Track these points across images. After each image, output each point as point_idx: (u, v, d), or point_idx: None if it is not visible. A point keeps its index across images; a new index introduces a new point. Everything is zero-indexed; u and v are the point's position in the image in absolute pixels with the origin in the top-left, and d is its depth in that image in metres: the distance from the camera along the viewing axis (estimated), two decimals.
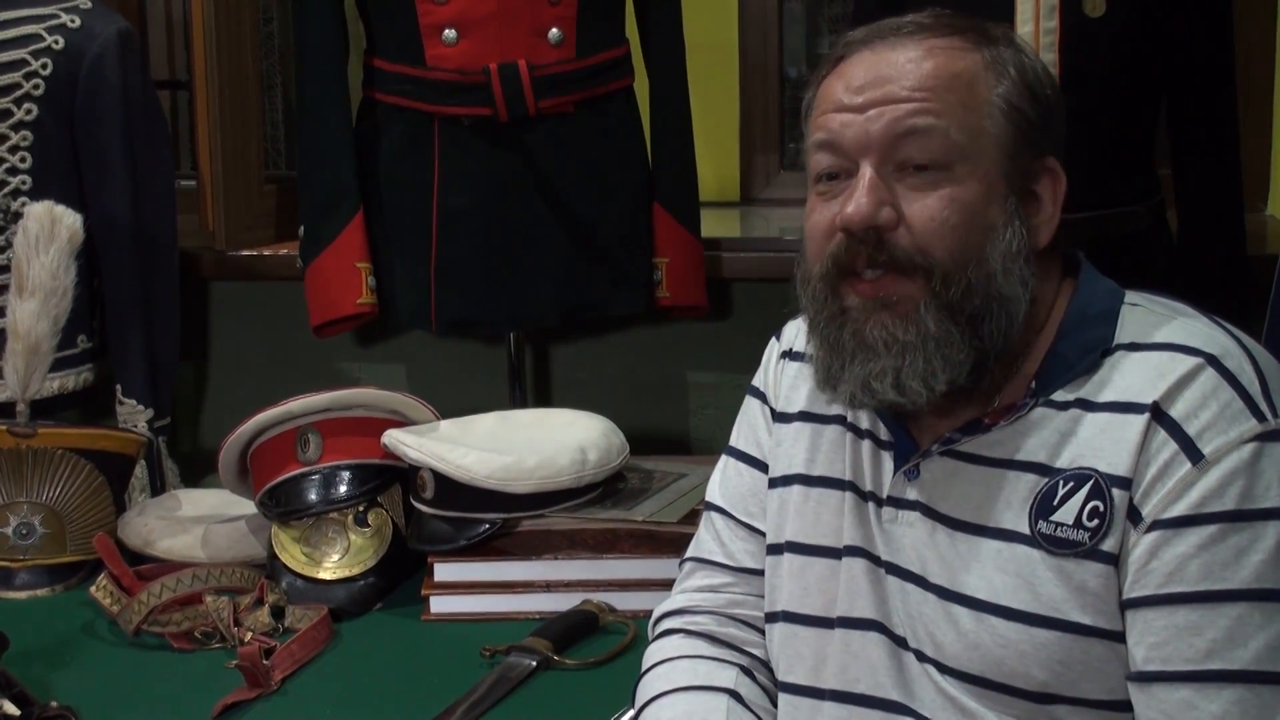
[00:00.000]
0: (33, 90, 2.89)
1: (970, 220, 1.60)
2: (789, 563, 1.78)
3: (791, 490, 1.79)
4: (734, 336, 3.25)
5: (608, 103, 2.94)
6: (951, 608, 1.61)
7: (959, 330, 1.60)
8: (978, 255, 1.60)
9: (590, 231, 2.94)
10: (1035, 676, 1.57)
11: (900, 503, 1.68)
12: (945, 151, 1.59)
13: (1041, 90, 1.64)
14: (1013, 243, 1.60)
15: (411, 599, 2.36)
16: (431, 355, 3.35)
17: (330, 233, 2.92)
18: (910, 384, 1.61)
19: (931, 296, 1.60)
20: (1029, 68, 1.64)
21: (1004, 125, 1.61)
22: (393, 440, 2.36)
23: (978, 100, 1.61)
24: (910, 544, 1.67)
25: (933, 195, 1.60)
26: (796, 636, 1.76)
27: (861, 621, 1.70)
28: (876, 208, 1.60)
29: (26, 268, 2.51)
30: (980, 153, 1.60)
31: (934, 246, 1.60)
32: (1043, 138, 1.64)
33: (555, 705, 2.03)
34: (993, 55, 1.63)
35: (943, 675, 1.63)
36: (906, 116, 1.60)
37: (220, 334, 3.44)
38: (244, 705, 2.02)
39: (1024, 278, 1.61)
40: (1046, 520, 1.57)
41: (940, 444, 1.65)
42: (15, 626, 2.31)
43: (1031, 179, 1.63)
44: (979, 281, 1.59)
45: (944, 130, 1.59)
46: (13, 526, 2.48)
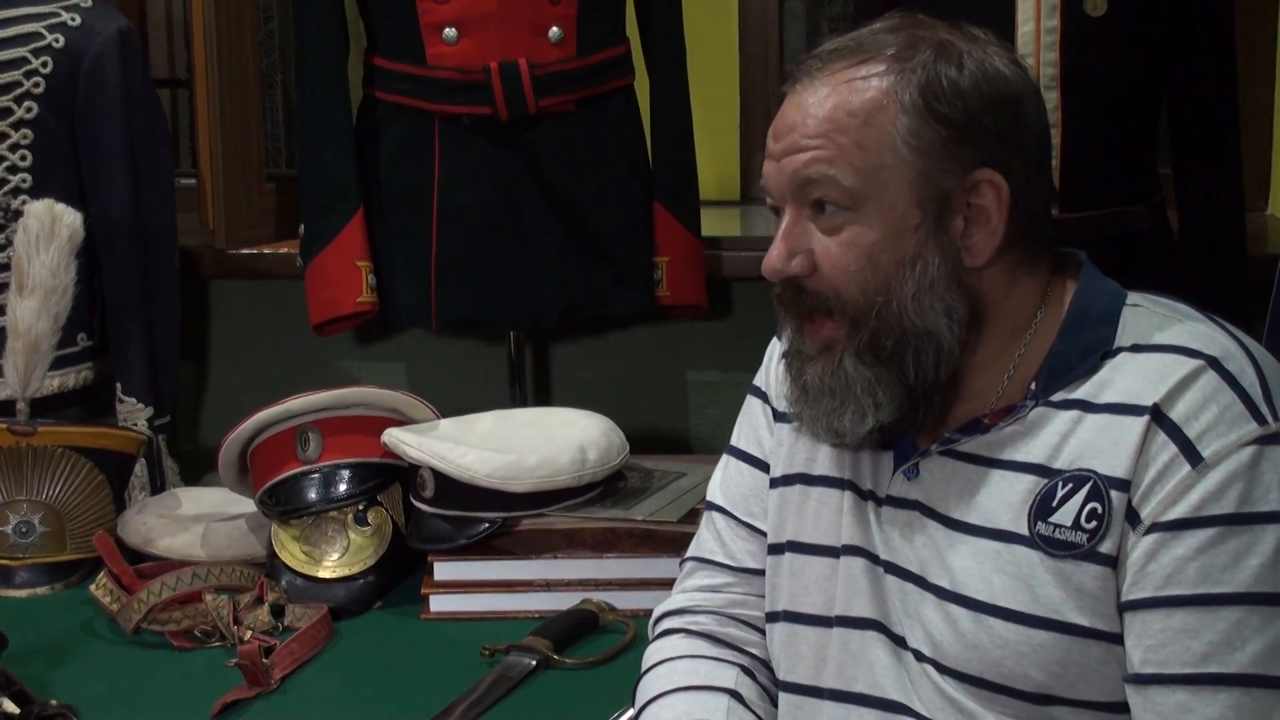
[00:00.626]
0: (33, 88, 2.88)
1: (872, 261, 1.59)
2: (789, 562, 1.78)
3: (792, 490, 1.79)
4: (734, 336, 3.25)
5: (608, 102, 2.94)
6: (950, 608, 1.62)
7: (878, 372, 1.61)
8: (885, 294, 1.59)
9: (590, 230, 2.94)
10: (1033, 678, 1.57)
11: (900, 502, 1.68)
12: (841, 197, 1.59)
13: (959, 105, 1.58)
14: (928, 274, 1.58)
15: (411, 598, 2.36)
16: (431, 354, 3.35)
17: (330, 231, 2.92)
18: (841, 426, 1.64)
19: (849, 340, 1.62)
20: (942, 84, 1.58)
21: (908, 157, 1.57)
22: (393, 439, 2.36)
23: (876, 136, 1.58)
24: (909, 543, 1.67)
25: (836, 239, 1.60)
26: (796, 636, 1.77)
27: (860, 621, 1.70)
28: (787, 259, 1.63)
29: (27, 266, 2.50)
30: (881, 190, 1.58)
31: (843, 290, 1.61)
32: (966, 154, 1.58)
33: (555, 705, 2.03)
34: (899, 81, 1.58)
35: (941, 675, 1.63)
36: (803, 167, 1.60)
37: (220, 332, 3.44)
38: (244, 704, 2.02)
39: (948, 306, 1.59)
40: (1045, 521, 1.57)
41: (940, 444, 1.65)
42: (15, 625, 2.32)
43: (959, 199, 1.59)
44: (890, 321, 1.60)
45: (834, 178, 1.58)
46: (12, 525, 2.48)
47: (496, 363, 3.23)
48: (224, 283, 3.40)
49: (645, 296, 3.02)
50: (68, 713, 1.92)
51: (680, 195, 3.04)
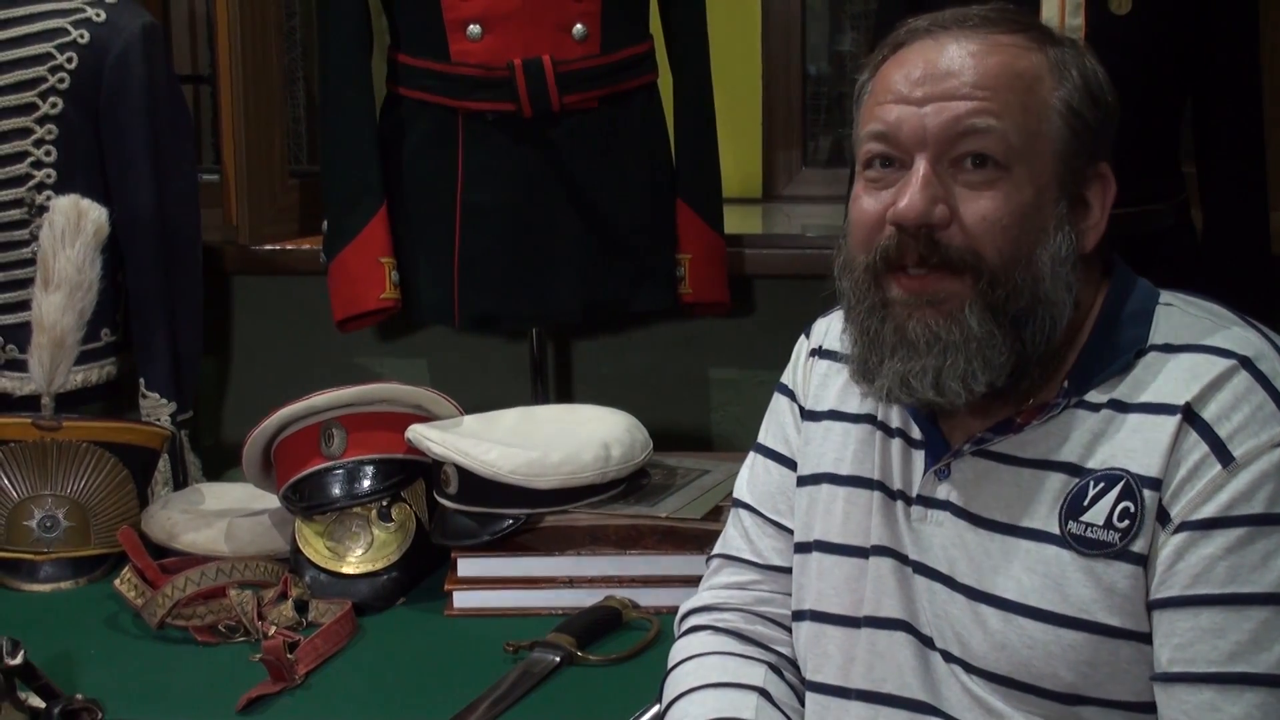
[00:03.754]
0: (58, 84, 2.89)
1: (1022, 223, 1.59)
2: (817, 562, 1.78)
3: (820, 489, 1.79)
4: (756, 333, 3.25)
5: (631, 99, 2.94)
6: (979, 608, 1.61)
7: (1001, 332, 1.59)
8: (1027, 258, 1.59)
9: (613, 227, 2.94)
10: (1062, 677, 1.57)
11: (930, 502, 1.68)
12: (1002, 153, 1.58)
13: (1102, 95, 1.63)
14: (1062, 247, 1.59)
15: (435, 594, 2.36)
16: (453, 350, 3.35)
17: (354, 227, 2.93)
18: (949, 384, 1.60)
19: (977, 296, 1.59)
20: (1091, 72, 1.63)
21: (1062, 129, 1.60)
22: (416, 435, 2.36)
23: (1038, 102, 1.59)
24: (939, 543, 1.67)
25: (986, 195, 1.58)
26: (824, 635, 1.76)
27: (888, 621, 1.70)
28: (931, 204, 1.59)
29: (52, 261, 2.51)
30: (1036, 156, 1.59)
31: (985, 247, 1.59)
32: (1098, 143, 1.63)
33: (578, 701, 2.03)
34: (1056, 56, 1.61)
35: (969, 675, 1.63)
36: (966, 115, 1.58)
37: (243, 328, 3.44)
38: (268, 699, 2.02)
39: (1069, 283, 1.60)
40: (1077, 521, 1.57)
41: (972, 443, 1.65)
42: (39, 619, 2.34)
43: (1083, 184, 1.62)
44: (1026, 284, 1.59)
45: (1001, 132, 1.58)
46: (37, 519, 2.49)
47: (519, 359, 3.23)
48: (247, 279, 3.41)
49: (668, 294, 3.02)
50: (93, 707, 1.92)
51: (703, 192, 3.04)
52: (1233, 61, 2.68)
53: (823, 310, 1.86)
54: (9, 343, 2.92)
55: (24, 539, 2.48)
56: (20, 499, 2.49)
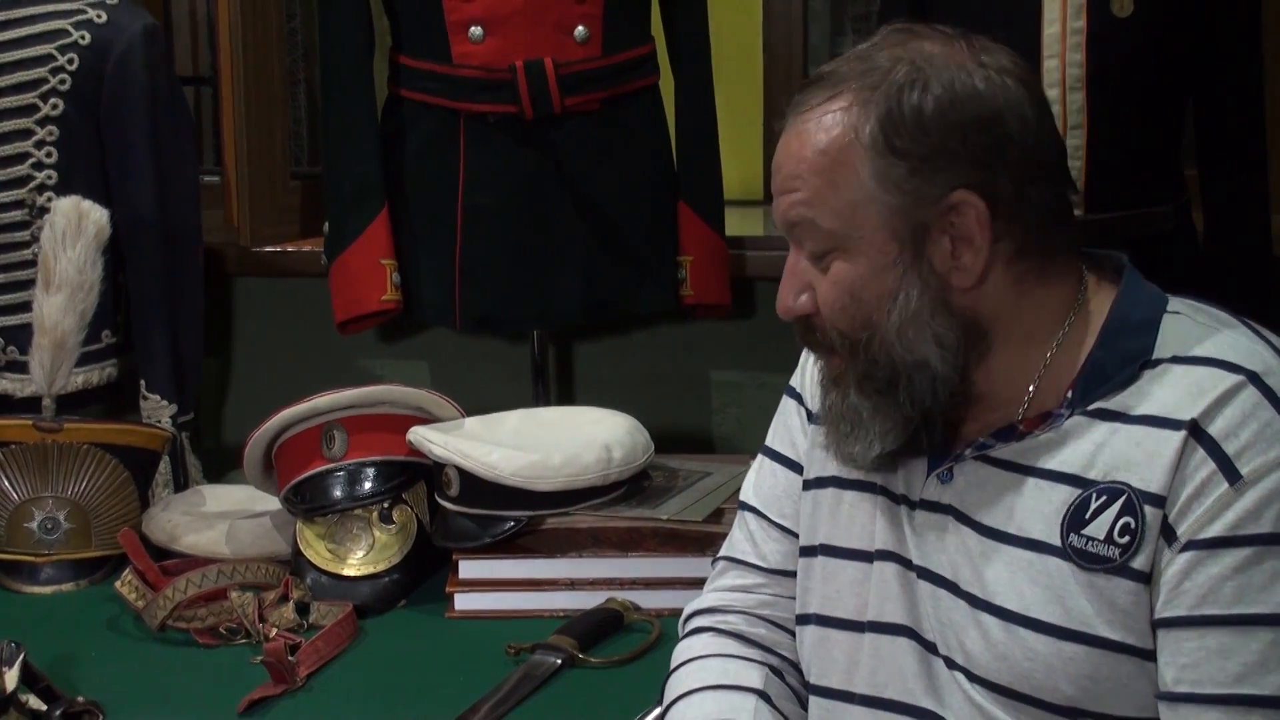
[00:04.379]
0: (59, 85, 2.89)
1: (855, 297, 1.59)
2: (821, 565, 1.78)
3: (825, 493, 1.79)
4: (757, 335, 3.25)
5: (633, 101, 2.94)
6: (981, 616, 1.61)
7: (876, 402, 1.62)
8: (869, 330, 1.59)
9: (615, 229, 2.93)
10: (1062, 690, 1.55)
11: (933, 505, 1.67)
12: (822, 239, 1.59)
13: (921, 135, 1.54)
14: (910, 305, 1.57)
15: (436, 596, 2.35)
16: (455, 352, 3.35)
17: (355, 229, 2.92)
18: (851, 452, 1.66)
19: (849, 369, 1.63)
20: (903, 114, 1.54)
21: (877, 192, 1.55)
22: (418, 437, 2.36)
23: (845, 174, 1.56)
24: (942, 548, 1.66)
25: (826, 279, 1.61)
26: (828, 640, 1.76)
27: (892, 626, 1.70)
28: (793, 297, 1.64)
29: (53, 262, 2.51)
30: (858, 227, 1.57)
31: (839, 326, 1.62)
32: (937, 181, 1.55)
33: (580, 703, 2.02)
34: (861, 115, 1.55)
35: (971, 683, 1.62)
36: (786, 209, 1.61)
37: (243, 330, 3.45)
38: (269, 701, 2.02)
39: (936, 334, 1.58)
40: (1078, 534, 1.55)
41: (974, 449, 1.64)
42: (40, 621, 2.33)
43: (932, 227, 1.56)
44: (878, 355, 1.60)
45: (813, 220, 1.58)
46: (38, 521, 2.48)
47: (520, 361, 3.23)
48: (248, 280, 3.41)
49: (669, 296, 3.02)
50: (94, 709, 1.92)
51: (705, 194, 3.04)
52: (1234, 63, 2.68)
53: None
54: (10, 344, 2.92)
55: (25, 541, 2.48)
56: (21, 501, 2.49)
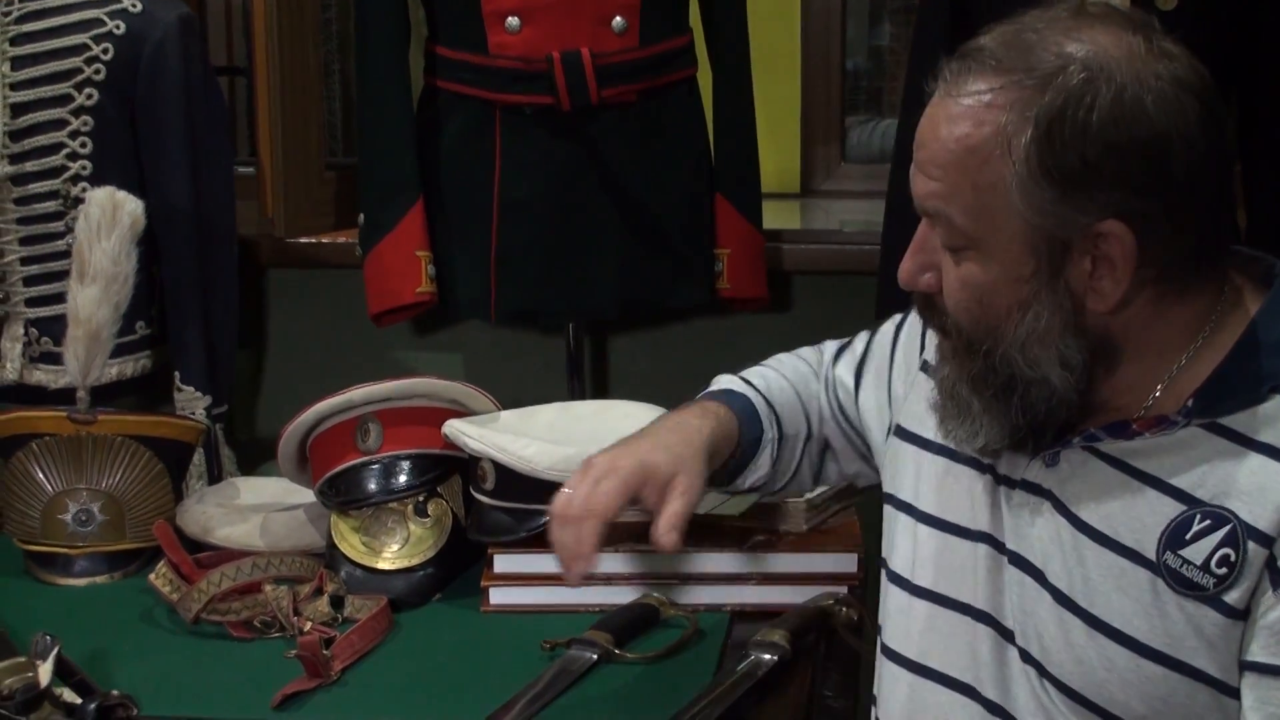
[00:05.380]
0: (94, 75, 2.89)
1: (982, 303, 1.55)
2: (913, 529, 1.77)
3: (932, 458, 1.77)
4: (794, 329, 3.23)
5: (670, 93, 2.93)
6: (1065, 615, 1.58)
7: (986, 403, 1.59)
8: (993, 339, 1.56)
9: (652, 222, 2.92)
10: (1134, 708, 1.53)
11: (1033, 488, 1.64)
12: (957, 235, 1.54)
13: (1078, 155, 1.47)
14: (1040, 322, 1.53)
15: (471, 590, 2.34)
16: (489, 345, 3.34)
17: (390, 221, 2.92)
18: (957, 434, 1.65)
19: (965, 363, 1.60)
20: (1064, 130, 1.46)
21: (1020, 208, 1.49)
22: (453, 430, 2.35)
23: (989, 181, 1.50)
24: (1037, 534, 1.62)
25: (955, 271, 1.57)
26: (911, 608, 1.75)
27: (975, 611, 1.68)
28: (916, 274, 1.61)
29: (88, 253, 2.50)
30: (994, 233, 1.52)
31: (960, 319, 1.58)
32: (1086, 207, 1.48)
33: (616, 699, 2.01)
34: (1017, 121, 1.48)
35: (1042, 679, 1.60)
36: (925, 196, 1.56)
37: (277, 322, 3.44)
38: (304, 695, 2.00)
39: (1062, 356, 1.54)
40: (1175, 553, 1.51)
41: (1083, 438, 1.59)
42: (74, 613, 2.32)
43: (1082, 245, 1.50)
44: (996, 364, 1.56)
45: (949, 216, 1.54)
46: (72, 513, 2.48)
47: (555, 355, 3.22)
48: (282, 272, 3.41)
49: (706, 289, 3.01)
50: (128, 703, 1.90)
51: (742, 187, 3.03)
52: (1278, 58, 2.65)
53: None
54: (43, 335, 2.92)
55: (59, 533, 2.47)
56: (55, 493, 2.48)
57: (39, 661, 1.88)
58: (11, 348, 2.94)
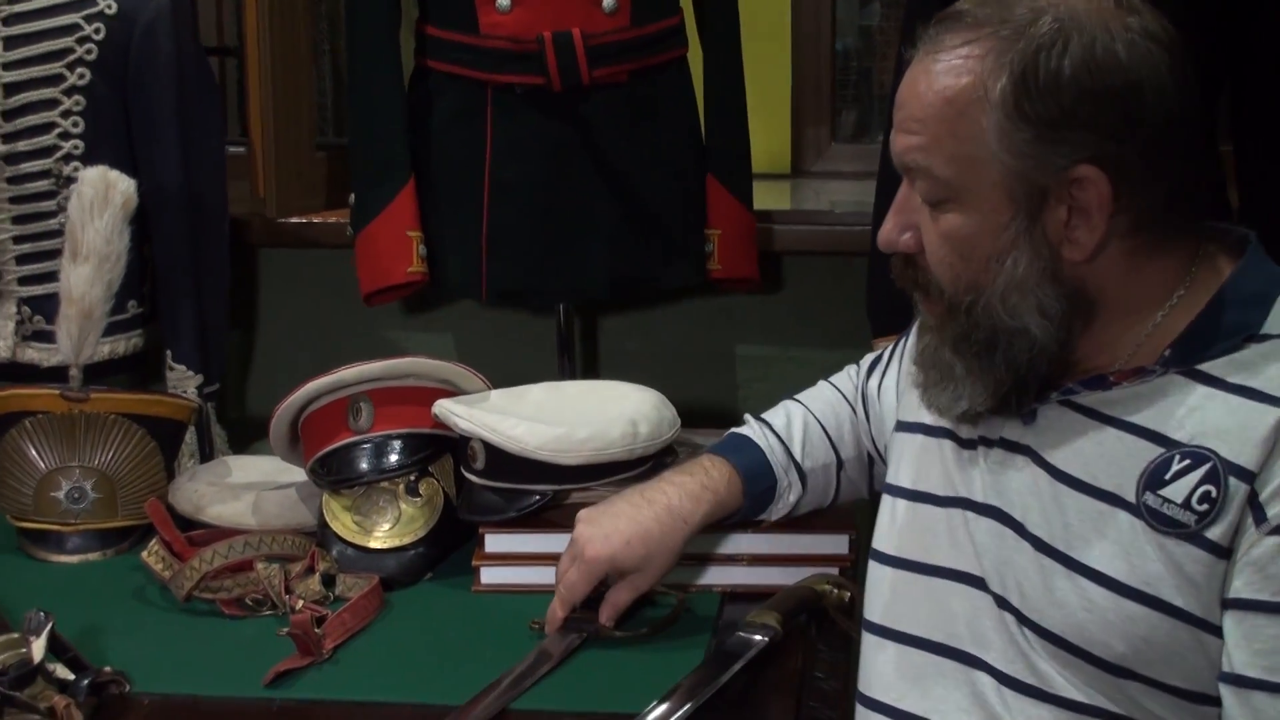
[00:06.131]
0: (85, 55, 2.89)
1: (964, 255, 1.59)
2: (891, 506, 1.81)
3: (912, 438, 1.82)
4: (785, 310, 3.25)
5: (661, 73, 2.93)
6: (1045, 561, 1.60)
7: (969, 363, 1.62)
8: (974, 291, 1.59)
9: (642, 202, 2.93)
10: (1115, 648, 1.55)
11: (1012, 445, 1.67)
12: (937, 188, 1.58)
13: (1053, 101, 1.52)
14: (1018, 270, 1.56)
15: (462, 569, 2.35)
16: (480, 325, 3.35)
17: (381, 201, 2.92)
18: (939, 402, 1.68)
19: (947, 324, 1.63)
20: (1037, 76, 1.52)
21: (998, 152, 1.54)
22: (443, 410, 2.35)
23: (969, 128, 1.55)
24: (1015, 488, 1.65)
25: (935, 227, 1.61)
26: (881, 577, 1.80)
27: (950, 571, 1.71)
28: (897, 232, 1.65)
29: (80, 233, 2.50)
30: (974, 182, 1.56)
31: (941, 278, 1.61)
32: (1062, 150, 1.53)
33: (604, 676, 2.01)
34: (995, 69, 1.53)
35: (1021, 627, 1.62)
36: (905, 151, 1.60)
37: (269, 301, 3.45)
38: (295, 673, 2.01)
39: (1040, 303, 1.57)
40: (1155, 493, 1.54)
41: (1060, 393, 1.63)
42: (67, 590, 2.33)
43: (1058, 193, 1.55)
44: (979, 318, 1.59)
45: (929, 169, 1.57)
46: (65, 490, 2.48)
47: (545, 334, 3.23)
48: (273, 251, 3.41)
49: (696, 270, 3.01)
50: (121, 679, 1.92)
51: (733, 168, 3.03)
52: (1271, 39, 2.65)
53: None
54: (36, 314, 2.93)
55: (52, 510, 2.48)
56: (48, 470, 2.48)
57: (32, 638, 1.89)
58: (4, 326, 2.94)
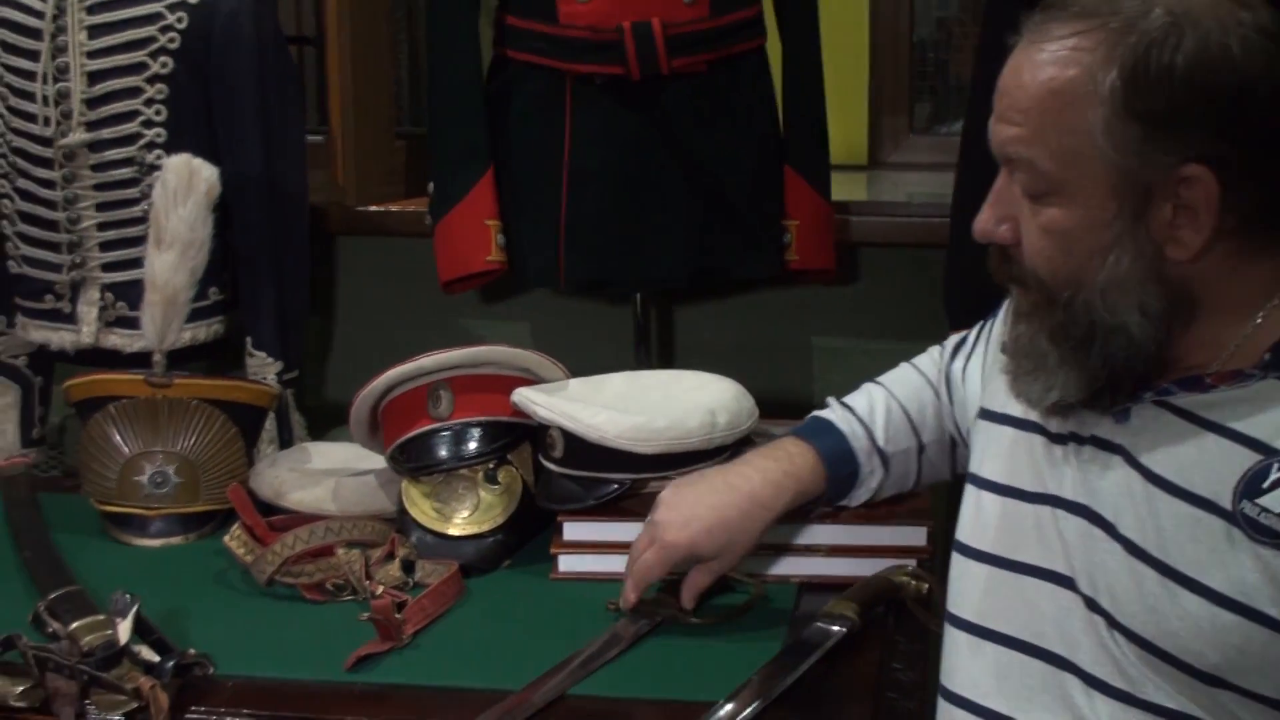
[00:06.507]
0: (168, 44, 2.91)
1: (1065, 250, 1.56)
2: (977, 498, 1.79)
3: (1004, 430, 1.79)
4: (861, 301, 3.24)
5: (740, 63, 2.93)
6: (1137, 565, 1.57)
7: (1064, 354, 1.59)
8: (1073, 286, 1.56)
9: (720, 193, 2.93)
10: (1208, 657, 1.52)
11: (1104, 444, 1.64)
12: (1039, 180, 1.55)
13: (1163, 97, 1.48)
14: (1120, 267, 1.53)
15: (540, 557, 2.35)
16: (556, 314, 3.36)
17: (460, 190, 2.94)
18: (1029, 392, 1.66)
19: (1045, 316, 1.61)
20: (1148, 71, 1.48)
21: (1105, 148, 1.51)
22: (522, 398, 2.36)
23: (1073, 122, 1.52)
24: (1107, 489, 1.63)
25: (1035, 220, 1.58)
26: (967, 571, 1.78)
27: (1035, 569, 1.69)
28: (994, 223, 1.62)
29: (165, 220, 2.52)
30: (1078, 177, 1.53)
31: (1039, 270, 1.59)
32: (1170, 149, 1.50)
33: (677, 660, 2.01)
34: (1103, 62, 1.50)
35: (1111, 630, 1.60)
36: (1006, 143, 1.58)
37: (347, 289, 3.47)
38: (376, 657, 2.02)
39: (1141, 301, 1.54)
40: (1252, 502, 1.50)
41: (1155, 393, 1.60)
42: (150, 574, 2.35)
43: (1164, 191, 1.52)
44: (1078, 313, 1.57)
45: (1031, 162, 1.55)
46: (148, 475, 2.51)
47: (621, 324, 3.24)
48: (352, 239, 3.44)
49: (774, 260, 3.01)
50: (204, 662, 1.94)
51: (811, 158, 3.03)
52: None
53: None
54: (119, 300, 2.95)
55: (135, 495, 2.50)
56: (132, 455, 2.51)
57: (118, 620, 1.92)
58: (88, 312, 2.97)
